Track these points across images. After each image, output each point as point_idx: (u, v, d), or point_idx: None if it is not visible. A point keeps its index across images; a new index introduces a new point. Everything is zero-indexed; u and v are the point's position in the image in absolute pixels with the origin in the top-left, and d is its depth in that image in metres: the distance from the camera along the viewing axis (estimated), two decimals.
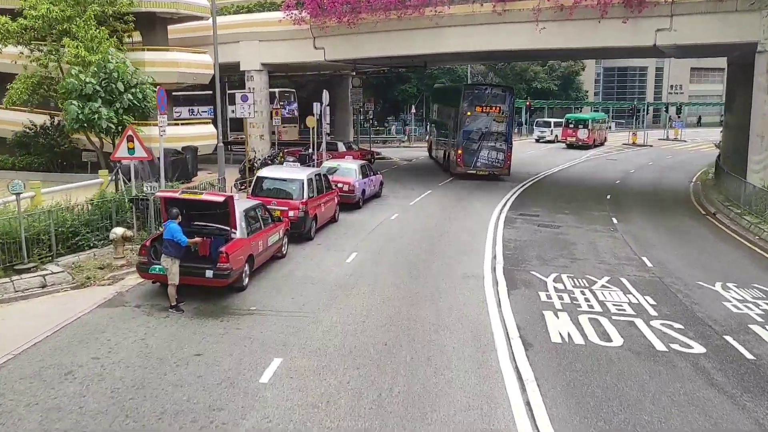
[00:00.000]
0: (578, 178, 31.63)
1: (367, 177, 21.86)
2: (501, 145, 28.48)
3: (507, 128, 28.50)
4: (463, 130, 28.07)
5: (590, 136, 47.33)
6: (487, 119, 28.03)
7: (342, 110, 37.89)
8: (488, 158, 28.52)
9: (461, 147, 28.24)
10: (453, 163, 28.93)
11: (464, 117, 27.98)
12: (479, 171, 28.53)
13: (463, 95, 28.37)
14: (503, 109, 28.20)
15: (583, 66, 64.61)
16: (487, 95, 28.53)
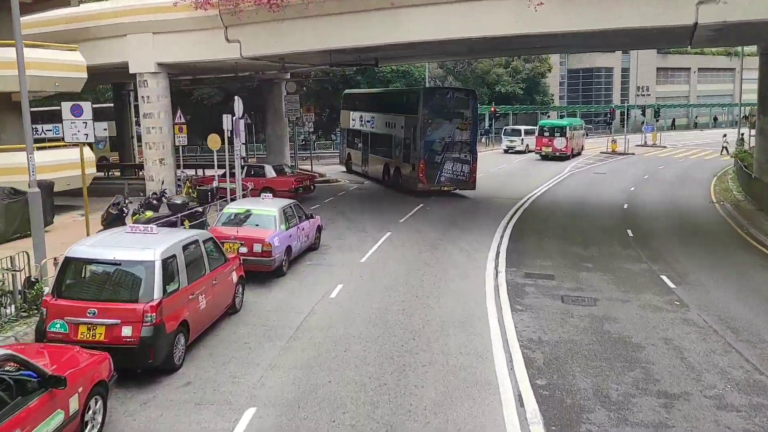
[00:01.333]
0: (575, 202, 25.03)
1: (296, 225, 14.53)
2: (466, 156, 24.92)
3: (471, 136, 25.08)
4: (424, 141, 24.08)
5: (568, 145, 41.18)
6: (450, 127, 24.41)
7: (275, 123, 30.48)
8: (453, 171, 24.82)
9: (423, 160, 24.16)
10: (412, 180, 24.84)
11: (425, 125, 24.02)
12: (444, 186, 24.93)
13: (423, 100, 24.12)
14: (467, 115, 24.74)
15: (550, 67, 58.91)
16: (449, 100, 24.89)
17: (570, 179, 32.15)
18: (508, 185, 29.49)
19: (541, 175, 33.77)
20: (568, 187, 29.08)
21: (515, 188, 28.41)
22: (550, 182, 30.65)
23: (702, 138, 61.49)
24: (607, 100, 72.60)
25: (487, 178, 31.64)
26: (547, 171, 35.70)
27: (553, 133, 41.45)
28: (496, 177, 32.49)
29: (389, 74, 43.59)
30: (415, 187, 24.54)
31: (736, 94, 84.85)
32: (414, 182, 24.62)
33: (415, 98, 25.00)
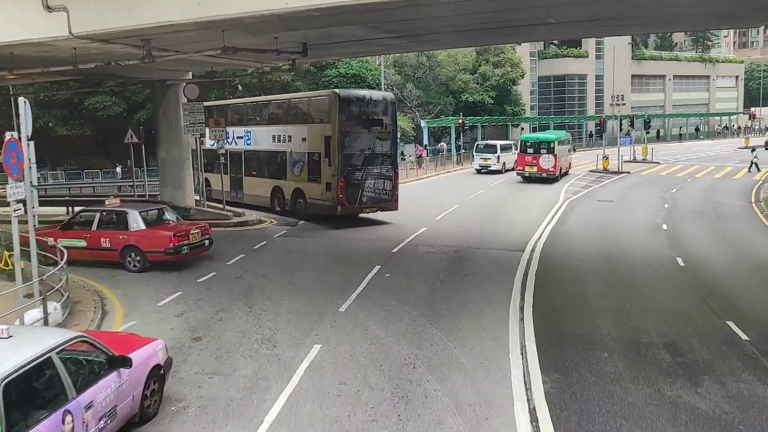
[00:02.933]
0: (602, 258, 17.02)
1: (61, 410, 5.97)
2: (387, 171, 21.48)
3: (392, 148, 21.82)
4: (342, 154, 20.33)
5: (557, 163, 33.61)
6: (370, 137, 20.90)
7: (171, 142, 21.79)
8: (375, 190, 21.19)
9: (342, 178, 20.33)
10: (327, 203, 20.73)
11: (343, 136, 20.27)
12: (366, 208, 21.30)
13: (340, 106, 20.24)
14: (386, 122, 21.34)
15: (522, 72, 51.70)
16: (367, 105, 21.07)
17: (572, 213, 24.32)
18: (495, 225, 21.48)
19: (531, 205, 25.91)
20: (576, 227, 21.18)
21: (506, 229, 20.43)
22: (550, 218, 22.72)
23: (693, 152, 55.15)
24: (581, 110, 66.12)
25: (465, 213, 23.59)
26: (537, 199, 27.88)
27: (539, 149, 33.81)
28: (475, 211, 24.45)
29: (336, 79, 35.33)
30: (333, 211, 20.43)
31: (711, 103, 79.94)
32: (330, 205, 20.44)
33: (327, 104, 20.73)
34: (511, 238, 18.95)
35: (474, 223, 21.80)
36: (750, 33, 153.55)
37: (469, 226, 21.20)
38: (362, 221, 22.00)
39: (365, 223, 21.71)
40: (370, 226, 21.20)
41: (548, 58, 65.30)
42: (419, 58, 48.13)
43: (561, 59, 64.80)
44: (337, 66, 35.19)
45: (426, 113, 49.34)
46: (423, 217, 22.84)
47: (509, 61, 50.28)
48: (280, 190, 22.51)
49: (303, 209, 21.57)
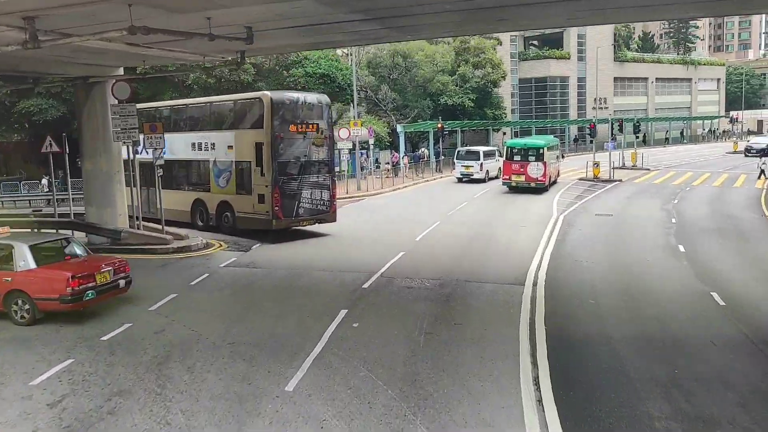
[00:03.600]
0: (626, 305, 13.83)
1: None
2: (325, 180, 19.99)
3: (329, 154, 20.37)
4: (277, 162, 18.66)
5: (546, 172, 30.61)
6: (306, 143, 19.40)
7: (97, 151, 18.13)
8: (312, 200, 19.71)
9: (278, 188, 18.63)
10: (260, 216, 18.94)
11: (277, 142, 18.60)
12: (303, 221, 19.73)
13: (273, 109, 18.50)
14: (322, 127, 19.90)
15: (504, 74, 48.80)
16: (302, 108, 19.50)
17: (571, 231, 21.25)
18: (486, 248, 18.29)
19: (522, 221, 22.81)
20: (579, 250, 18.08)
21: (499, 253, 17.25)
22: (546, 238, 19.60)
23: (680, 157, 52.86)
24: (563, 114, 63.57)
25: (449, 232, 20.36)
26: (528, 213, 24.82)
27: (526, 156, 30.79)
28: (460, 229, 21.24)
29: (304, 79, 31.92)
30: (267, 225, 18.80)
31: (693, 106, 78.22)
32: (263, 219, 18.76)
33: (257, 108, 18.88)
34: (507, 266, 15.76)
35: (460, 244, 18.58)
36: (725, 37, 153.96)
37: (455, 248, 17.97)
38: (330, 243, 18.69)
39: (330, 246, 18.35)
40: (337, 249, 17.85)
41: (529, 59, 62.69)
42: (395, 58, 44.93)
43: (542, 60, 62.22)
44: (304, 65, 31.82)
45: (402, 117, 46.14)
46: (400, 237, 19.60)
47: (490, 62, 47.38)
48: (202, 203, 20.49)
49: (231, 224, 19.78)
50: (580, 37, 64.08)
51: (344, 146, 30.82)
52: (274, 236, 19.19)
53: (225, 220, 19.96)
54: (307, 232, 20.73)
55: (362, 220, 23.56)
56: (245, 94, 22.44)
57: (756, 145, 52.64)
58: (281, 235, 19.44)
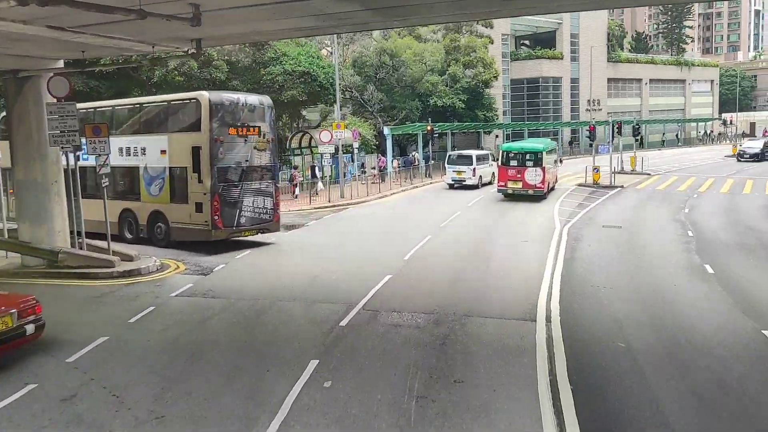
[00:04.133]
0: (666, 350, 11.35)
1: None
2: (268, 187, 18.72)
3: (272, 159, 19.02)
4: (216, 168, 17.26)
5: (544, 178, 28.28)
6: (247, 147, 18.03)
7: (31, 157, 15.46)
8: (254, 209, 18.34)
9: (217, 195, 17.27)
10: (198, 227, 17.45)
11: (215, 146, 17.15)
12: (245, 230, 18.29)
13: (211, 110, 17.11)
14: (264, 129, 18.53)
15: (496, 73, 46.51)
16: (242, 109, 18.10)
17: (579, 247, 18.90)
18: (485, 270, 15.84)
19: (523, 234, 20.43)
20: (594, 272, 15.71)
21: (501, 277, 14.81)
22: (553, 257, 17.21)
23: (678, 161, 50.84)
24: (556, 116, 61.47)
25: (442, 249, 17.89)
26: (528, 225, 22.45)
27: (523, 161, 28.44)
28: (455, 245, 18.81)
29: (281, 77, 29.36)
30: (206, 236, 17.61)
31: (687, 108, 76.60)
32: (202, 229, 17.55)
33: (194, 109, 17.60)
34: (512, 294, 13.34)
35: (455, 265, 16.13)
36: (714, 38, 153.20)
37: (450, 270, 15.52)
38: (305, 264, 16.16)
39: (305, 268, 15.81)
40: (312, 272, 15.31)
41: (521, 59, 60.53)
42: (381, 56, 42.51)
43: (535, 61, 60.10)
44: (282, 62, 29.30)
45: (389, 119, 43.73)
46: (386, 255, 17.14)
47: (481, 61, 45.08)
48: (131, 213, 19.02)
49: (164, 235, 18.39)
50: (573, 36, 62.09)
51: (326, 150, 28.30)
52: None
53: (158, 232, 18.50)
54: (278, 247, 18.23)
55: (344, 234, 21.07)
56: (180, 94, 20.44)
57: (750, 150, 50.02)
58: (252, 254, 16.96)
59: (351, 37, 46.01)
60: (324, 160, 28.66)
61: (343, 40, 45.63)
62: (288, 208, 26.91)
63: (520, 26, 60.73)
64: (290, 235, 21.05)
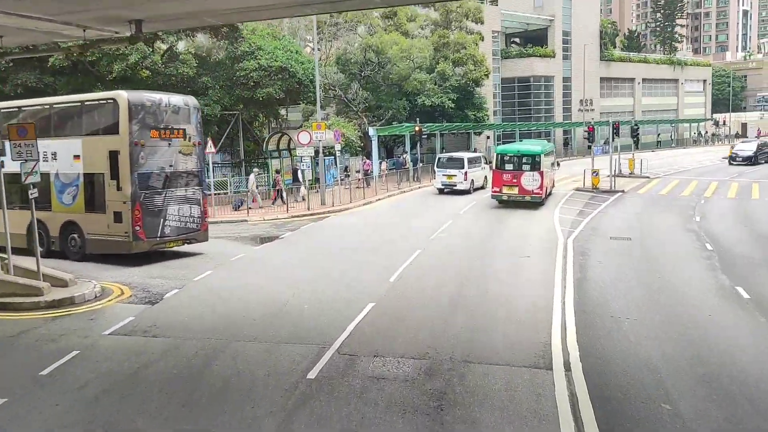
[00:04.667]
0: (724, 415, 9.32)
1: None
2: (194, 194, 17.46)
3: (198, 164, 17.66)
4: (137, 174, 15.98)
5: (542, 183, 26.09)
6: (171, 152, 16.72)
7: None
8: (180, 218, 17.02)
9: (138, 204, 15.94)
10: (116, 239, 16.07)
11: (136, 150, 15.88)
12: (170, 241, 16.95)
13: (131, 111, 15.74)
14: (189, 132, 17.22)
15: (487, 71, 44.31)
16: (165, 111, 16.67)
17: (588, 264, 16.71)
18: (484, 295, 13.53)
19: (524, 247, 18.19)
20: (611, 296, 13.50)
21: (504, 303, 12.52)
22: (560, 277, 15.00)
23: (676, 163, 49.01)
24: (547, 116, 59.48)
25: (433, 267, 15.54)
26: (528, 235, 20.24)
27: (519, 165, 26.23)
28: (447, 262, 16.51)
29: (256, 73, 26.88)
30: (126, 248, 16.22)
31: (680, 108, 75.07)
32: (121, 241, 16.18)
33: (110, 110, 16.22)
34: (519, 329, 11.07)
35: (449, 288, 13.84)
36: (702, 39, 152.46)
37: (443, 296, 13.22)
38: (274, 289, 13.78)
39: (273, 294, 13.43)
40: (281, 299, 12.95)
41: (512, 57, 58.47)
42: (366, 53, 40.18)
43: (526, 59, 58.05)
44: (258, 57, 26.87)
45: (375, 119, 41.42)
46: (369, 276, 14.84)
47: (472, 58, 42.84)
48: (41, 224, 16.55)
49: (79, 248, 16.88)
50: (566, 34, 60.17)
51: (305, 153, 25.93)
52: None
53: (72, 244, 17.01)
54: (246, 265, 15.84)
55: (322, 249, 18.69)
56: (95, 94, 18.82)
57: (742, 152, 46.62)
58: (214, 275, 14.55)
59: (335, 33, 43.71)
60: (302, 163, 26.27)
61: (326, 36, 43.31)
62: (263, 217, 24.51)
63: (511, 23, 58.66)
64: (262, 250, 18.66)
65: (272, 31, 31.42)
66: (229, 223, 23.80)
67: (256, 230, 22.14)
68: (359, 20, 42.24)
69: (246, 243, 19.79)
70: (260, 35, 28.48)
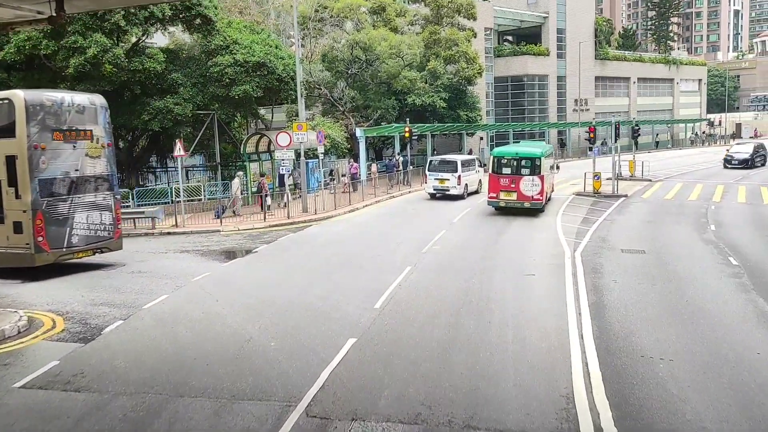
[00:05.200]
0: None
1: None
2: (105, 199, 16.35)
3: (108, 167, 16.47)
4: (38, 180, 14.80)
5: (543, 188, 24.04)
6: (75, 155, 15.62)
7: None
8: (89, 226, 15.93)
9: (40, 213, 14.80)
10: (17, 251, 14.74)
11: (36, 154, 14.70)
12: (79, 252, 15.79)
13: (28, 112, 14.50)
14: (96, 133, 16.07)
15: (480, 69, 42.25)
16: (69, 111, 15.45)
17: (601, 283, 14.70)
18: (485, 328, 11.40)
19: (526, 263, 16.11)
20: (636, 330, 11.46)
21: (511, 340, 10.42)
22: (573, 302, 12.93)
23: (675, 164, 47.21)
24: (542, 116, 57.61)
25: (425, 292, 13.32)
26: (531, 249, 18.17)
27: (519, 168, 24.17)
28: (442, 282, 14.37)
29: (231, 69, 24.60)
30: (28, 261, 14.71)
31: (675, 108, 73.53)
32: (22, 254, 14.68)
33: (6, 111, 14.59)
34: (532, 377, 8.98)
35: (445, 318, 11.71)
36: (693, 39, 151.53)
37: (438, 329, 11.08)
38: (236, 322, 11.60)
39: (235, 329, 11.25)
40: (243, 334, 10.78)
41: (505, 55, 56.51)
42: (354, 50, 38.03)
43: (519, 57, 56.09)
44: (233, 51, 24.66)
45: (363, 119, 39.27)
46: (350, 302, 12.69)
47: (464, 56, 40.78)
48: None
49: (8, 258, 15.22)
50: (560, 32, 58.30)
51: (284, 156, 23.76)
52: (152, 305, 12.09)
53: None
54: (208, 288, 13.64)
55: (299, 266, 16.49)
56: None
57: (738, 155, 43.91)
58: (169, 300, 12.34)
59: (320, 29, 41.52)
60: (282, 167, 24.10)
61: (310, 32, 41.12)
62: (237, 227, 22.31)
63: (504, 20, 56.71)
64: (230, 268, 16.43)
65: (250, 25, 29.21)
66: (199, 234, 21.59)
67: (227, 243, 19.94)
68: (346, 15, 40.07)
69: (214, 258, 17.58)
70: (236, 28, 26.26)
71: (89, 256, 16.25)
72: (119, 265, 16.66)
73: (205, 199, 26.50)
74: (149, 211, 21.98)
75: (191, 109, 24.77)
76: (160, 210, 22.13)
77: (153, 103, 23.91)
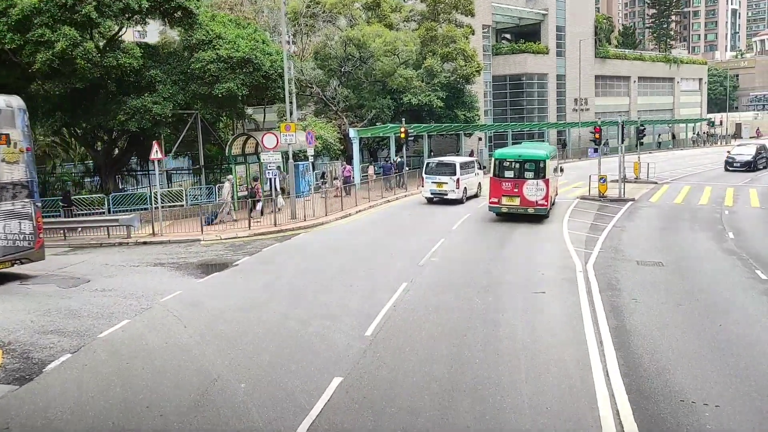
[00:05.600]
0: None
1: None
2: (24, 207, 15.51)
3: (27, 172, 15.54)
4: None
5: (547, 192, 22.47)
6: None
7: None
8: (6, 235, 14.97)
9: None
10: None
11: None
12: None
13: None
14: (13, 137, 15.16)
15: (479, 67, 40.67)
16: None
17: (619, 302, 13.16)
18: (492, 359, 9.81)
19: (534, 280, 14.53)
20: (669, 365, 9.91)
21: (523, 380, 8.84)
22: (591, 326, 11.38)
23: (679, 166, 45.78)
24: (541, 115, 56.14)
25: (423, 315, 11.64)
26: (538, 261, 16.57)
27: (522, 171, 22.59)
28: (441, 303, 12.78)
29: (214, 65, 22.91)
30: None
31: (676, 108, 72.19)
32: None
33: None
34: (550, 424, 7.39)
35: (446, 348, 10.12)
36: (691, 38, 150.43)
37: (438, 364, 9.49)
38: (207, 356, 10.00)
39: (203, 363, 9.64)
40: (212, 371, 9.18)
41: (503, 53, 54.99)
42: (347, 47, 36.46)
43: (518, 55, 54.60)
44: (216, 46, 23.01)
45: (357, 119, 37.69)
46: (337, 329, 11.08)
47: (462, 53, 39.22)
48: None
49: None
50: (559, 29, 56.84)
51: (270, 159, 22.15)
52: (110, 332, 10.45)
53: None
54: (178, 312, 12.00)
55: (280, 284, 14.82)
56: None
57: (740, 157, 41.72)
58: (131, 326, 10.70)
59: (312, 26, 39.91)
60: (268, 171, 22.48)
61: (302, 29, 39.52)
62: (219, 236, 20.66)
63: (502, 18, 55.19)
64: (204, 285, 14.74)
65: (236, 18, 27.56)
66: (179, 243, 19.95)
67: (207, 254, 18.30)
68: (339, 11, 38.47)
69: (189, 273, 15.92)
70: (221, 22, 24.62)
71: (7, 268, 15.14)
72: (83, 281, 15.01)
73: (188, 204, 24.84)
74: (123, 219, 20.32)
75: (171, 108, 23.11)
76: (135, 217, 20.47)
77: (130, 102, 22.25)
